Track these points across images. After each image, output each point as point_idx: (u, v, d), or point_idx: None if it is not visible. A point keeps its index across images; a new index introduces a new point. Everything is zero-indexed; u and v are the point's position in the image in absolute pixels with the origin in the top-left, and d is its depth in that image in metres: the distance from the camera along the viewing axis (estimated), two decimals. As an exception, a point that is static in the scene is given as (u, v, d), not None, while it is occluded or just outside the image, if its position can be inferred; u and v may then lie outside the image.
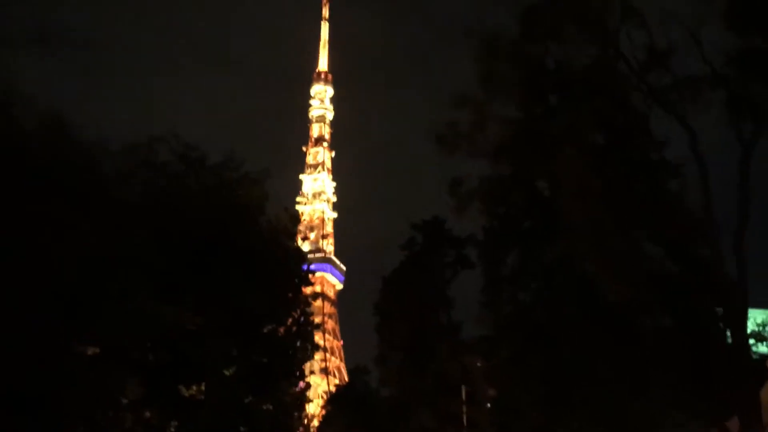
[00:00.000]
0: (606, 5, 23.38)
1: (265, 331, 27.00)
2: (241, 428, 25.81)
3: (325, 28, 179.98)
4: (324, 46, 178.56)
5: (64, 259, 16.79)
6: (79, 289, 17.51)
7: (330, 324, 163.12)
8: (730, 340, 21.99)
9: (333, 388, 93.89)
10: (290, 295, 28.52)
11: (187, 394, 24.04)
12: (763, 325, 24.39)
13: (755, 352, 26.82)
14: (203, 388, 24.51)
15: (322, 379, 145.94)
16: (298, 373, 29.42)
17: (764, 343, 23.50)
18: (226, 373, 25.14)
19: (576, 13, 23.24)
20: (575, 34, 23.72)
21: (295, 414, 31.96)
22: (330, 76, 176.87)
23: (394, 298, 43.36)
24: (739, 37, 21.92)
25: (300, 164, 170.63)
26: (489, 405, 37.25)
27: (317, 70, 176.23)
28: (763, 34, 21.54)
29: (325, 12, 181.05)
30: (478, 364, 37.78)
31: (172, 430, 24.46)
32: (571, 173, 21.34)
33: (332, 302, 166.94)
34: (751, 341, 22.81)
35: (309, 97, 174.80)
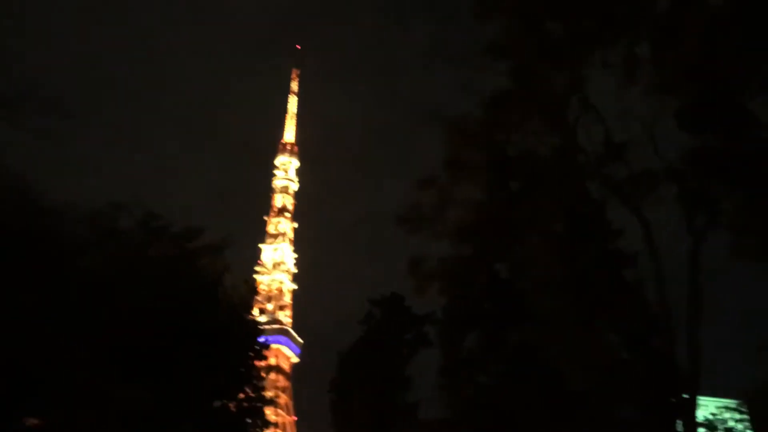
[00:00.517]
0: (566, 100, 24.44)
1: (216, 406, 26.26)
2: None
3: (293, 101, 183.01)
4: (291, 118, 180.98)
5: (24, 336, 16.29)
6: (35, 367, 16.95)
7: (283, 398, 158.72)
8: (681, 429, 22.15)
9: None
10: (243, 370, 27.93)
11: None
12: (715, 414, 24.68)
13: (707, 442, 26.97)
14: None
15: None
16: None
17: (716, 432, 23.69)
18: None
19: (537, 105, 24.23)
20: (537, 125, 24.68)
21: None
22: (296, 148, 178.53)
23: (351, 375, 42.64)
24: (692, 135, 23.01)
25: (261, 234, 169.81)
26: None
27: (282, 141, 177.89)
28: (714, 133, 22.64)
29: (294, 86, 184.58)
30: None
31: None
32: (535, 263, 21.79)
33: (287, 376, 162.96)
34: (703, 431, 22.99)
35: (273, 167, 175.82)
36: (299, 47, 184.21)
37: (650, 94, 22.94)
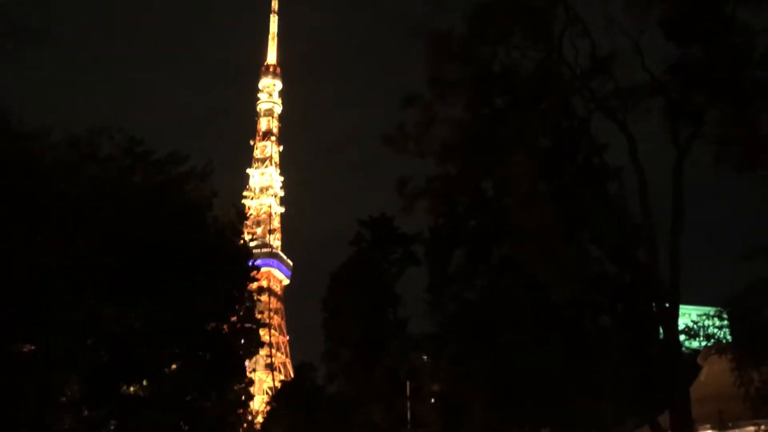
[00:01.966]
0: (551, 12, 23.94)
1: (209, 328, 26.73)
2: (184, 426, 25.52)
3: (274, 21, 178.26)
4: (273, 39, 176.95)
5: (10, 261, 16.29)
6: (23, 292, 17.06)
7: (276, 320, 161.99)
8: (662, 337, 22.87)
9: (278, 384, 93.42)
10: (235, 292, 28.29)
11: (128, 393, 23.66)
12: (696, 322, 25.39)
13: (688, 348, 27.95)
14: (145, 385, 24.14)
15: (267, 375, 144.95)
16: (241, 370, 29.20)
17: (697, 339, 24.40)
18: (168, 371, 24.82)
19: (522, 18, 23.73)
20: (521, 39, 24.23)
21: (239, 410, 31.78)
22: (279, 70, 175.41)
23: (342, 294, 43.52)
24: (678, 47, 22.76)
25: (247, 159, 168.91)
26: (433, 401, 37.73)
27: (266, 64, 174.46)
28: (700, 44, 22.40)
29: (275, 5, 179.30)
30: (424, 358, 38.25)
31: (113, 428, 24.02)
32: (519, 178, 21.86)
33: (278, 297, 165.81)
34: (684, 338, 23.70)
35: (257, 90, 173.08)
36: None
37: (640, 6, 22.48)
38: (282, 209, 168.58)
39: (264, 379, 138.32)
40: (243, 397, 31.56)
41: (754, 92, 20.95)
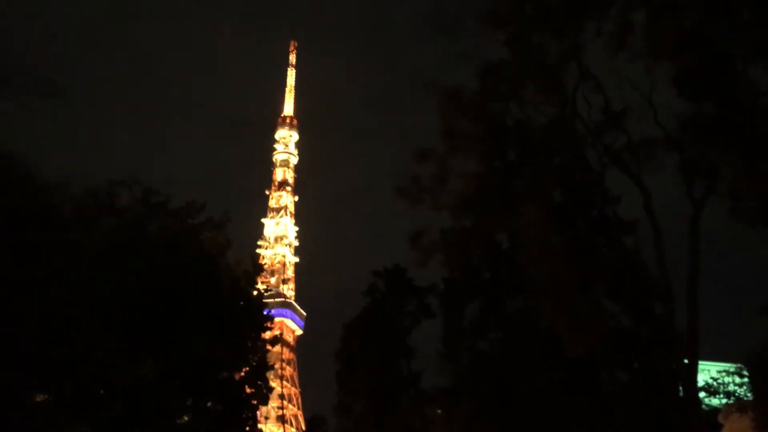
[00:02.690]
0: (563, 68, 24.32)
1: (221, 378, 26.59)
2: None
3: (291, 75, 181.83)
4: (290, 92, 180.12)
5: (27, 312, 16.41)
6: (40, 343, 17.13)
7: (288, 371, 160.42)
8: (681, 394, 22.42)
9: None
10: (249, 342, 28.22)
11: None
12: (716, 378, 24.90)
13: (707, 405, 27.33)
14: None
15: (279, 427, 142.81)
16: (253, 421, 28.88)
17: (717, 396, 23.92)
18: (179, 421, 24.62)
19: (534, 75, 24.11)
20: (534, 94, 24.59)
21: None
22: (295, 121, 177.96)
23: (355, 345, 43.09)
24: (690, 102, 22.95)
25: (263, 209, 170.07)
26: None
27: (282, 115, 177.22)
28: (711, 100, 22.58)
29: (292, 59, 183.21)
30: (439, 411, 37.58)
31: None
32: (533, 231, 21.86)
33: (291, 348, 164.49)
34: (704, 395, 23.24)
35: (273, 142, 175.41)
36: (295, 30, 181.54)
37: (648, 61, 22.83)
38: (296, 259, 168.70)
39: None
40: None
41: (766, 147, 21.01)
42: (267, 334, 31.38)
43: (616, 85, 23.60)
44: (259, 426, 33.94)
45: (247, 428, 28.62)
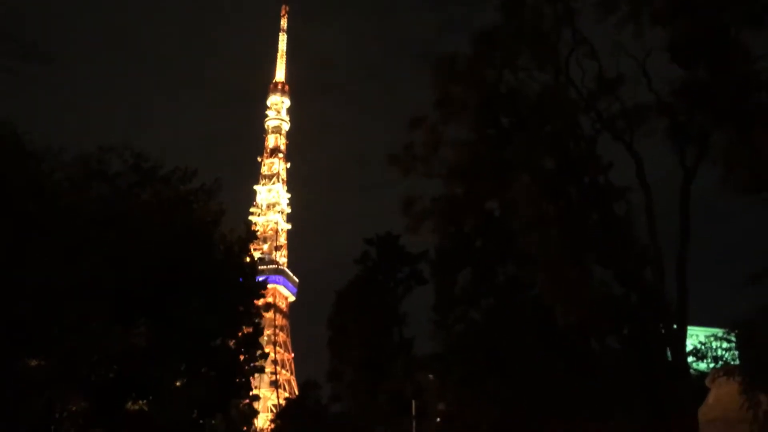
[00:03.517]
0: (558, 34, 24.13)
1: (214, 345, 26.73)
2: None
3: (283, 39, 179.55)
4: (281, 57, 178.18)
5: (20, 280, 16.39)
6: (28, 310, 17.13)
7: (281, 336, 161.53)
8: (670, 359, 22.73)
9: (283, 402, 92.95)
10: (241, 308, 28.31)
11: (133, 409, 23.64)
12: (704, 343, 25.18)
13: (696, 370, 27.69)
14: (150, 402, 24.12)
15: (272, 392, 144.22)
16: (246, 387, 29.14)
17: (704, 361, 24.20)
18: (173, 388, 24.80)
19: (528, 41, 23.91)
20: (528, 61, 24.41)
21: (244, 428, 31.68)
22: (287, 87, 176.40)
23: (348, 312, 43.39)
24: (683, 69, 22.88)
25: (255, 177, 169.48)
26: (438, 419, 37.47)
27: (274, 81, 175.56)
28: (705, 67, 22.51)
29: (283, 23, 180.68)
30: (430, 377, 38.01)
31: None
32: (525, 199, 21.88)
33: (284, 314, 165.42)
34: (692, 359, 23.54)
35: (265, 108, 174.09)
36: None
37: (637, 26, 22.66)
38: (289, 226, 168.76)
39: (269, 397, 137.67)
40: (247, 415, 31.46)
41: (759, 116, 21.02)
42: (260, 302, 31.46)
43: (611, 52, 23.50)
44: (253, 392, 34.24)
45: (242, 393, 28.91)
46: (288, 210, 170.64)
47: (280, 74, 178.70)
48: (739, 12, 21.28)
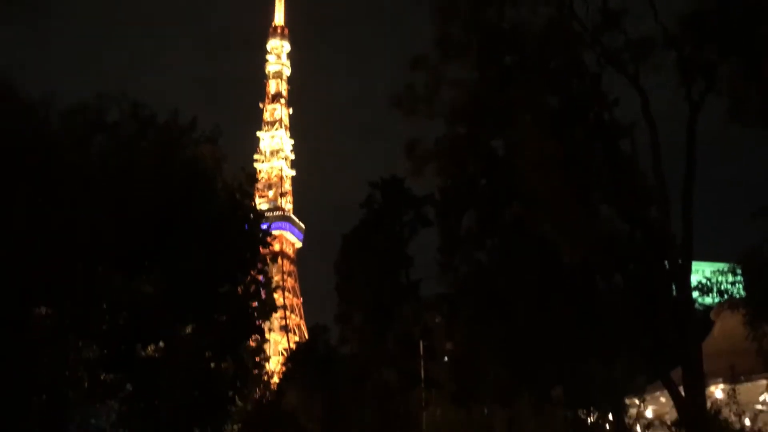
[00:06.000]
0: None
1: (223, 291, 26.95)
2: (200, 387, 25.91)
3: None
4: (280, 0, 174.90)
5: (21, 232, 16.43)
6: (33, 261, 17.23)
7: (289, 282, 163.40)
8: (675, 294, 22.85)
9: (293, 346, 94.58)
10: (248, 255, 28.44)
11: (144, 355, 24.05)
12: (709, 278, 25.27)
13: (701, 304, 27.86)
14: (161, 347, 24.49)
15: (282, 336, 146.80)
16: (256, 331, 29.49)
17: (710, 295, 24.34)
18: (183, 333, 25.14)
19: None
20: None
21: (255, 371, 32.27)
22: (287, 31, 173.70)
23: (354, 256, 43.62)
24: (690, 0, 22.30)
25: (257, 123, 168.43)
26: (446, 359, 38.04)
27: (273, 24, 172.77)
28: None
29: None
30: (437, 320, 38.45)
31: (130, 389, 24.43)
32: (530, 140, 21.63)
33: (291, 260, 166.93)
34: (697, 294, 23.68)
35: (265, 53, 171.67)
36: None
37: None
38: (293, 172, 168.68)
39: (279, 341, 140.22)
40: (258, 358, 31.98)
41: (767, 47, 20.56)
42: (267, 250, 31.60)
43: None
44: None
45: (253, 337, 29.30)
46: (292, 156, 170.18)
47: (279, 17, 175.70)
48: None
